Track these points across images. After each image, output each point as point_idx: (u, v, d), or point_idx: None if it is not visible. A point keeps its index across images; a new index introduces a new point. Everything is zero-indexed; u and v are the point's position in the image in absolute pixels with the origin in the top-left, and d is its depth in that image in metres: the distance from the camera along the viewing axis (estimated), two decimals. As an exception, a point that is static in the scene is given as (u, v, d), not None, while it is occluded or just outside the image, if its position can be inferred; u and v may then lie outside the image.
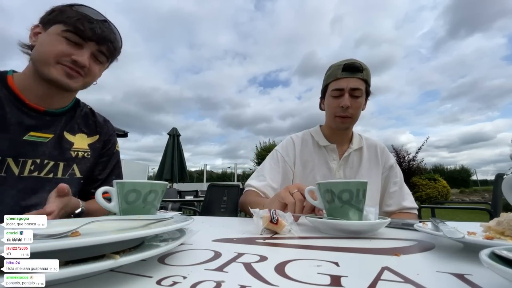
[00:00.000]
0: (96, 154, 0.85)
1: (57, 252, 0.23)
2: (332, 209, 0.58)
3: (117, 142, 0.95)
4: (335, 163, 1.07)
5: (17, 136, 0.68)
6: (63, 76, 0.70)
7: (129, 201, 0.52)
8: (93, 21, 0.71)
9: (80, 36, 0.69)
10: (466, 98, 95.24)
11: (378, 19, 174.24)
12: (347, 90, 0.98)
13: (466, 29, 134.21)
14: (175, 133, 6.40)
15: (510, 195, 0.43)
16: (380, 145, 1.14)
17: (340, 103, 0.99)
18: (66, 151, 0.77)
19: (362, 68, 0.99)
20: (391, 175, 1.09)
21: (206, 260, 0.34)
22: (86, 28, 0.69)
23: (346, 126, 1.05)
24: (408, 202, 1.03)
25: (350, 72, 0.98)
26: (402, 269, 0.30)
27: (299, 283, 0.26)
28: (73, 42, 0.69)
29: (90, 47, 0.72)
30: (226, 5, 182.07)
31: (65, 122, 0.79)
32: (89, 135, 0.84)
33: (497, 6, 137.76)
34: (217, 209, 2.41)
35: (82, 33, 0.69)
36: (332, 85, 1.02)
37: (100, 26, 0.72)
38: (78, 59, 0.69)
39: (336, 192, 0.56)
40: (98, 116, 0.89)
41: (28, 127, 0.70)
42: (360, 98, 1.00)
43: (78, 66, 0.70)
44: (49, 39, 0.69)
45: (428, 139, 12.02)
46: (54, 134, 0.75)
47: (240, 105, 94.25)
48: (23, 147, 0.69)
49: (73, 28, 0.68)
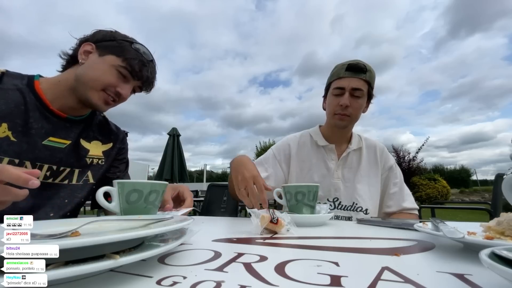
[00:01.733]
0: (110, 160, 0.86)
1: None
2: (291, 206, 0.74)
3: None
4: (334, 163, 1.07)
5: (36, 140, 0.69)
6: (102, 103, 0.74)
7: (131, 201, 0.52)
8: (146, 64, 0.77)
9: (131, 75, 0.75)
10: (467, 98, 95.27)
11: (378, 19, 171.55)
12: (348, 89, 0.98)
13: (467, 29, 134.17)
14: (175, 133, 6.40)
15: (510, 195, 0.43)
16: (380, 146, 1.14)
17: (340, 101, 0.99)
18: (82, 158, 0.78)
19: (366, 69, 0.99)
20: (390, 176, 1.08)
21: (206, 260, 0.34)
22: (139, 70, 0.75)
23: (344, 125, 1.04)
24: (408, 203, 1.02)
25: (353, 72, 0.99)
26: (402, 269, 0.30)
27: (299, 283, 0.26)
28: (123, 76, 0.74)
29: (134, 83, 0.78)
30: (227, 5, 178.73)
31: (83, 129, 0.80)
32: (103, 143, 0.85)
33: (498, 6, 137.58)
34: (217, 209, 2.41)
35: (135, 73, 0.75)
36: (334, 83, 1.03)
37: (149, 70, 0.78)
38: (122, 93, 0.74)
39: (292, 193, 0.72)
40: (111, 124, 0.92)
41: (48, 132, 0.72)
42: (360, 98, 1.00)
43: (117, 96, 0.75)
44: (103, 67, 0.72)
45: (429, 139, 12.04)
46: (71, 141, 0.76)
47: (241, 105, 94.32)
48: (42, 151, 0.70)
49: (130, 67, 0.73)
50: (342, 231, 0.62)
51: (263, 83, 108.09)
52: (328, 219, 0.70)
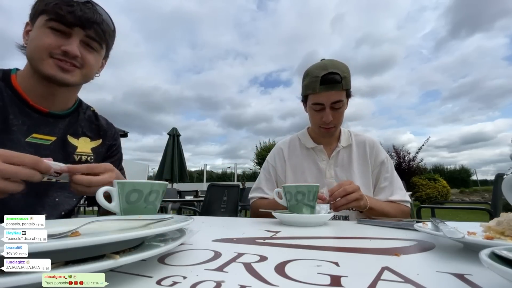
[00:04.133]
0: (100, 158, 0.83)
1: (57, 252, 0.23)
2: (291, 206, 0.74)
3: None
4: (325, 163, 1.07)
5: (19, 137, 0.67)
6: (57, 71, 0.66)
7: (131, 201, 0.52)
8: (72, 3, 0.66)
9: (63, 23, 0.65)
10: (467, 98, 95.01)
11: (379, 19, 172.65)
12: (328, 105, 0.97)
13: (467, 29, 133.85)
14: (175, 133, 6.40)
15: (510, 195, 0.43)
16: (370, 141, 1.11)
17: (323, 117, 0.99)
18: (69, 155, 0.75)
19: (341, 78, 0.94)
20: (382, 170, 1.06)
21: (206, 260, 0.35)
22: (66, 13, 0.64)
23: (331, 135, 1.07)
24: (397, 196, 1.00)
25: (329, 84, 0.94)
26: (402, 269, 0.30)
27: (299, 283, 0.26)
28: (60, 32, 0.66)
29: (78, 35, 0.67)
30: (228, 5, 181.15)
31: (68, 125, 0.77)
32: (92, 139, 0.82)
33: (498, 6, 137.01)
34: (217, 209, 2.41)
35: (64, 19, 0.65)
36: (311, 98, 1.00)
37: (81, 8, 0.66)
38: (67, 49, 0.65)
39: (292, 193, 0.73)
40: (102, 119, 0.88)
41: (30, 129, 0.69)
42: (341, 108, 1.00)
43: (70, 57, 0.67)
44: (36, 33, 0.66)
45: (429, 139, 12.04)
46: (57, 137, 0.73)
47: (241, 105, 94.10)
48: (26, 149, 0.67)
49: (54, 15, 0.64)
50: (342, 231, 0.62)
51: (263, 83, 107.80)
52: (328, 219, 0.71)
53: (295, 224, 0.68)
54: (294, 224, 0.68)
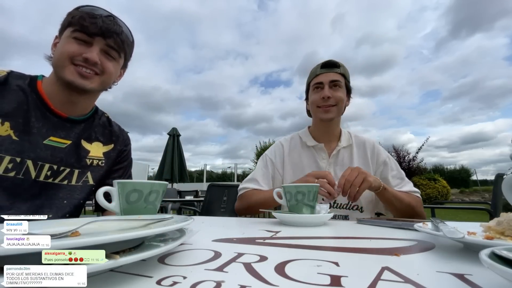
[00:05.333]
0: (110, 162, 0.86)
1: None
2: (291, 206, 0.74)
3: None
4: (325, 162, 1.08)
5: (38, 139, 0.70)
6: (77, 77, 0.71)
7: (131, 201, 0.52)
8: (95, 16, 0.72)
9: (86, 33, 0.71)
10: (467, 98, 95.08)
11: (380, 19, 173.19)
12: (327, 83, 1.05)
13: (468, 29, 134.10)
14: (175, 133, 6.40)
15: (510, 195, 0.43)
16: (369, 142, 1.13)
17: (321, 94, 1.04)
18: (82, 159, 0.78)
19: (339, 64, 1.08)
20: (386, 170, 1.07)
21: (206, 260, 0.34)
22: (89, 24, 0.70)
23: (330, 116, 1.06)
24: (408, 187, 1.03)
25: (328, 67, 1.07)
26: (402, 269, 0.30)
27: (299, 283, 0.26)
28: (82, 41, 0.71)
29: (99, 43, 0.73)
30: (229, 5, 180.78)
31: (84, 129, 0.80)
32: (104, 144, 0.85)
33: (498, 6, 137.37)
34: (217, 209, 2.41)
35: (87, 29, 0.70)
36: (313, 81, 1.09)
37: (103, 20, 0.72)
38: (88, 56, 0.70)
39: (292, 193, 0.73)
40: (114, 125, 0.91)
41: (49, 132, 0.72)
42: (340, 89, 1.05)
43: (90, 64, 0.71)
44: (61, 44, 0.72)
45: (429, 139, 12.04)
46: (72, 141, 0.76)
47: (241, 105, 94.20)
48: (43, 150, 0.70)
49: (78, 26, 0.70)
50: (342, 231, 0.62)
51: (264, 83, 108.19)
52: (328, 219, 0.71)
53: (295, 224, 0.68)
54: (294, 224, 0.68)
